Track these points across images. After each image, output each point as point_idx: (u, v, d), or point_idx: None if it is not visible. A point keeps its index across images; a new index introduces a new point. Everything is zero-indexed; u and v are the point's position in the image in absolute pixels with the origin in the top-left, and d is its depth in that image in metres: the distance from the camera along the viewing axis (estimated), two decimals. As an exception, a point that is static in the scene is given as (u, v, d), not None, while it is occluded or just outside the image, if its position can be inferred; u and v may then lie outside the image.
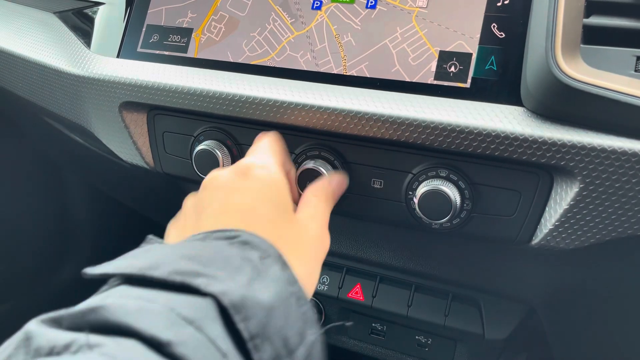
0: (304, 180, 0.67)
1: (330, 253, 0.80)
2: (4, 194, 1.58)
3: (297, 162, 0.68)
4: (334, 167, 0.66)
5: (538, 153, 0.55)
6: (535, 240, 0.60)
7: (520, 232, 0.60)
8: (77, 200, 1.80)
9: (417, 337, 0.88)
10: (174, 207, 1.19)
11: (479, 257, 0.70)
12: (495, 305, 0.71)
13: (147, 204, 1.39)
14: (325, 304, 0.93)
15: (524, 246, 0.61)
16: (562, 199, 0.57)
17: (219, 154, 0.71)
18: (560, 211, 0.57)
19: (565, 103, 0.53)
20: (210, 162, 0.71)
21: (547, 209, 0.58)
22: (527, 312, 0.70)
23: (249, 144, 0.71)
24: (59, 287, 1.78)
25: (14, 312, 1.65)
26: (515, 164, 0.58)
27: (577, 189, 0.55)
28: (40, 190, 1.71)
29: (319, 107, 0.63)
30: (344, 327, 0.92)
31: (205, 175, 0.73)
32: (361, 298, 0.79)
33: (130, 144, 0.78)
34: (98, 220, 1.83)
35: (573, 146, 0.53)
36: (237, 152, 0.72)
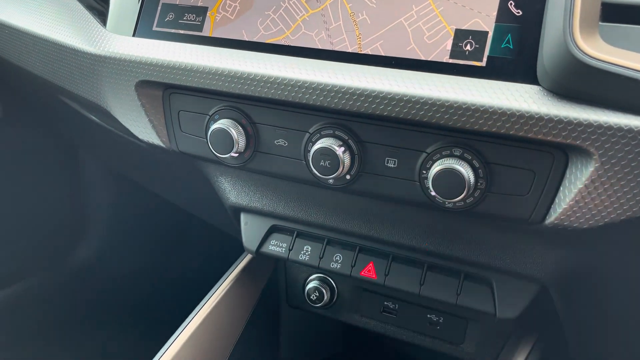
0: (318, 159, 0.67)
1: (343, 232, 0.81)
2: (21, 175, 1.61)
3: (311, 141, 0.68)
4: (347, 146, 0.66)
5: (554, 132, 0.55)
6: (549, 219, 0.60)
7: (534, 211, 0.60)
8: (93, 181, 1.82)
9: (428, 316, 0.89)
10: (190, 188, 1.20)
11: (492, 236, 0.70)
12: (508, 284, 0.71)
13: (162, 184, 1.41)
14: (337, 283, 0.95)
15: (538, 225, 0.62)
16: (577, 178, 0.56)
17: (234, 132, 0.71)
18: (574, 190, 0.57)
19: (583, 81, 0.52)
20: (225, 141, 0.72)
21: (561, 188, 0.58)
22: (539, 291, 0.70)
23: (264, 123, 0.72)
24: (76, 265, 1.81)
25: (32, 290, 1.69)
26: (531, 143, 0.58)
27: (593, 168, 0.55)
28: (57, 171, 1.74)
29: (334, 86, 0.63)
30: (356, 305, 0.93)
31: (220, 154, 0.74)
32: (374, 276, 0.80)
33: (146, 123, 0.79)
34: (114, 201, 1.85)
35: (589, 125, 0.53)
36: (252, 131, 0.72)
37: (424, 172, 0.64)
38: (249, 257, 0.96)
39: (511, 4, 0.59)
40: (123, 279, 1.92)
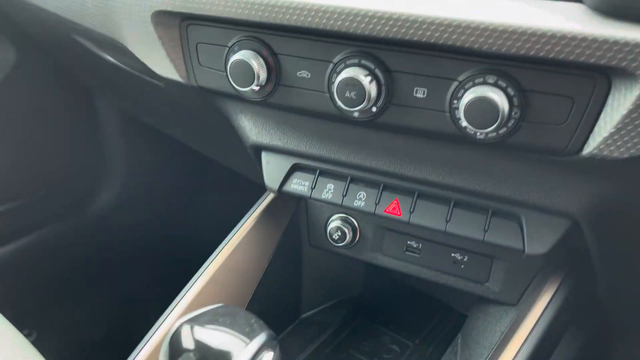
0: (343, 90, 0.65)
1: (367, 169, 0.79)
2: (38, 122, 1.61)
3: (335, 72, 0.66)
4: (374, 76, 0.63)
5: (597, 54, 0.51)
6: (587, 150, 0.57)
7: (570, 141, 0.58)
8: (109, 127, 1.81)
9: (452, 255, 0.88)
10: (208, 130, 1.19)
11: (523, 171, 0.67)
12: (537, 220, 0.69)
13: (180, 127, 1.39)
14: (360, 222, 0.94)
15: (573, 157, 0.59)
16: (619, 104, 0.53)
17: (254, 64, 0.68)
18: (617, 118, 0.54)
19: (632, -4, 0.49)
20: (245, 73, 0.69)
21: (602, 115, 0.55)
22: (570, 227, 0.68)
23: (286, 54, 0.69)
24: (97, 212, 1.83)
25: (54, 237, 1.72)
26: (571, 67, 0.54)
27: (638, 93, 0.51)
28: (73, 117, 1.73)
29: (360, 10, 0.60)
30: (379, 244, 0.93)
31: (240, 88, 0.71)
32: (398, 214, 0.78)
33: (163, 57, 0.76)
34: (131, 147, 1.85)
35: (637, 45, 0.49)
36: (273, 63, 0.69)
37: (455, 101, 0.61)
38: (270, 197, 0.95)
39: None
40: (144, 224, 1.95)
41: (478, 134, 0.60)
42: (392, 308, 1.07)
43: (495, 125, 0.58)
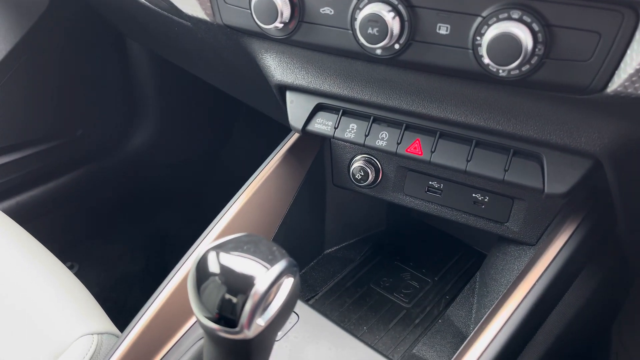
0: (366, 27, 0.65)
1: (390, 109, 0.79)
2: (73, 66, 1.64)
3: (358, 8, 0.65)
4: (397, 11, 0.63)
5: (626, -14, 0.50)
6: (612, 87, 0.57)
7: (595, 78, 0.57)
8: (142, 70, 1.84)
9: (473, 195, 0.89)
10: (235, 72, 1.20)
11: (545, 110, 0.67)
12: (558, 159, 0.69)
13: (209, 69, 1.40)
14: (382, 162, 0.95)
15: (597, 95, 0.58)
16: (647, 39, 0.52)
17: (277, 0, 0.68)
18: (643, 53, 0.52)
19: None
20: (269, 10, 0.69)
21: (628, 51, 0.54)
22: (592, 167, 0.68)
23: (308, -10, 0.68)
24: (131, 153, 1.89)
25: (92, 175, 1.80)
26: (598, 1, 0.53)
27: (667, 27, 0.50)
28: (107, 61, 1.76)
29: (384, -57, 0.59)
30: (400, 184, 0.94)
31: (264, 25, 0.72)
32: (420, 153, 0.79)
33: (188, -6, 0.77)
34: (163, 90, 1.88)
35: (668, -24, 0.48)
36: (296, 0, 0.69)
37: (478, 38, 0.60)
38: (295, 137, 0.97)
39: None
40: (177, 164, 2.01)
41: (500, 71, 0.60)
42: (412, 246, 1.09)
43: (518, 62, 0.57)
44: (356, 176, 0.96)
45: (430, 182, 0.92)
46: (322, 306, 0.91)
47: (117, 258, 1.79)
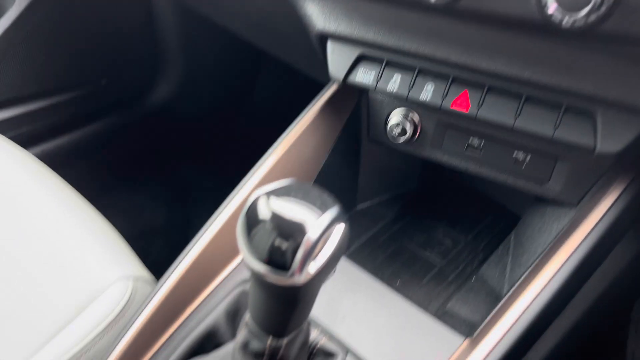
0: (422, -30, 0.62)
1: (437, 60, 0.76)
2: (97, 16, 1.62)
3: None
4: (459, -46, 0.60)
5: None
6: (684, 39, 0.54)
7: (667, 29, 0.54)
8: (165, 21, 1.81)
9: (515, 154, 0.86)
10: (270, 22, 1.16)
11: (605, 64, 0.64)
12: (614, 116, 0.67)
13: (241, 20, 1.37)
14: (422, 118, 0.93)
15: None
16: None
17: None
18: None
19: None
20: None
21: None
22: (649, 126, 0.66)
23: None
24: (155, 103, 1.89)
25: (117, 125, 1.79)
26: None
27: None
28: (131, 11, 1.73)
29: None
30: (439, 141, 0.92)
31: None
32: (465, 109, 0.77)
33: None
34: (187, 41, 1.85)
35: None
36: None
37: (544, -17, 0.57)
38: (332, 90, 0.95)
39: None
40: (202, 116, 2.00)
41: (565, 20, 0.57)
42: (446, 205, 1.08)
43: (587, 9, 0.55)
44: (393, 132, 0.94)
45: (470, 140, 0.89)
46: (355, 259, 0.91)
47: (141, 208, 1.81)
